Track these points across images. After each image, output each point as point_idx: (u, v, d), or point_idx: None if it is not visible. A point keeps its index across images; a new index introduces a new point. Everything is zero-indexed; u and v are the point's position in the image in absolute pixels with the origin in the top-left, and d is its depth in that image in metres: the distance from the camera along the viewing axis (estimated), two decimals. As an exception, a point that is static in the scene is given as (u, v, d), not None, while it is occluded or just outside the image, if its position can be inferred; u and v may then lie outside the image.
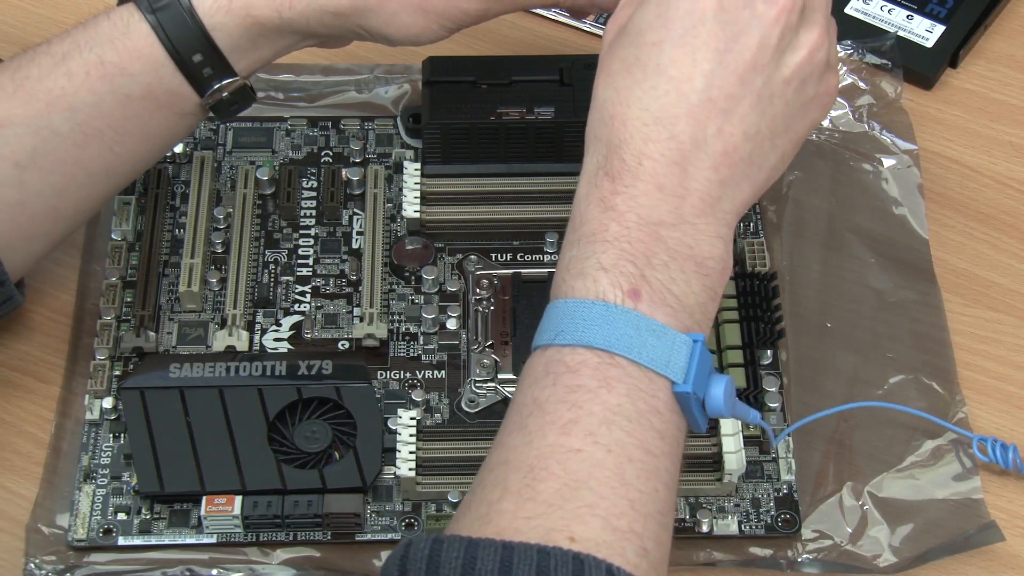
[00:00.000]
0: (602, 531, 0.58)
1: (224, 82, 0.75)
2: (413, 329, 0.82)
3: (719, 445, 0.75)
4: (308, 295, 0.83)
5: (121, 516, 0.75)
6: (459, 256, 0.85)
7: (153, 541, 0.74)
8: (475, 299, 0.83)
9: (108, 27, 0.74)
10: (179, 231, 0.85)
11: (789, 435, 0.77)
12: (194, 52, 0.73)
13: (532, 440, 0.61)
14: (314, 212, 0.87)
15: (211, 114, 0.77)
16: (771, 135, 0.67)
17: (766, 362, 0.80)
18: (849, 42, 0.93)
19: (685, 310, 0.63)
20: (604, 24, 0.84)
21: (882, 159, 0.89)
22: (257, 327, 0.82)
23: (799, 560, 0.74)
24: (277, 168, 0.88)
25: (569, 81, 0.86)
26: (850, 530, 0.75)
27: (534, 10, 0.96)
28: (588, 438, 0.60)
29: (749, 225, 0.86)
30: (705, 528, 0.75)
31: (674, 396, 0.62)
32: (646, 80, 0.65)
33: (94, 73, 0.73)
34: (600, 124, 0.66)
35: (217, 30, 0.74)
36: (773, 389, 0.79)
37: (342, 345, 0.82)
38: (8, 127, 0.72)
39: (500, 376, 0.80)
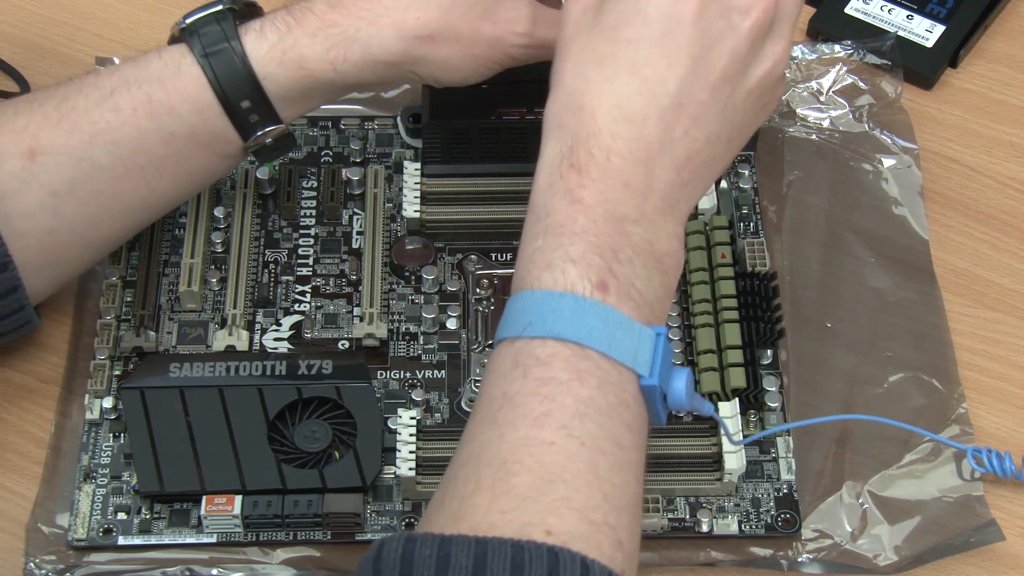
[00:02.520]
0: (578, 524, 0.58)
1: (268, 128, 0.76)
2: (413, 329, 0.82)
3: (719, 445, 0.75)
4: (308, 295, 0.83)
5: (121, 516, 0.75)
6: (459, 256, 0.85)
7: (153, 541, 0.74)
8: (475, 299, 0.83)
9: (159, 66, 0.74)
10: (179, 231, 0.85)
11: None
12: (243, 98, 0.74)
13: (504, 434, 0.61)
14: (314, 212, 0.87)
15: (251, 157, 0.78)
16: (728, 141, 0.68)
17: (766, 362, 0.80)
18: (849, 42, 0.93)
19: (647, 304, 0.64)
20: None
21: (882, 159, 0.89)
22: (257, 327, 0.82)
23: (799, 560, 0.74)
24: (277, 168, 0.88)
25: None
26: (850, 529, 0.75)
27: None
28: (561, 431, 0.60)
29: (749, 225, 0.86)
30: (705, 528, 0.75)
31: (640, 389, 0.63)
32: (619, 77, 0.65)
33: (141, 110, 0.74)
34: (567, 112, 0.66)
35: (268, 79, 0.74)
36: (773, 389, 0.79)
37: (342, 345, 0.82)
38: (50, 155, 0.73)
39: (500, 376, 0.80)
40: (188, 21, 0.75)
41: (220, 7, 0.76)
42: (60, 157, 0.73)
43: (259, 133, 0.76)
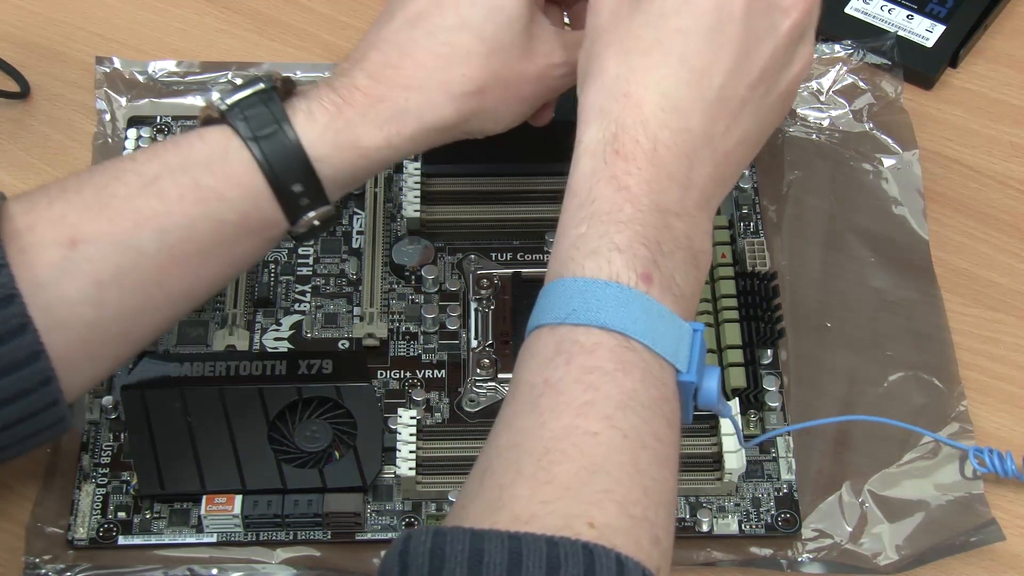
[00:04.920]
0: (619, 517, 0.57)
1: (318, 211, 0.71)
2: (413, 329, 0.82)
3: (719, 444, 0.75)
4: (308, 295, 0.83)
5: (121, 516, 0.75)
6: (459, 256, 0.85)
7: (153, 541, 0.74)
8: (475, 299, 0.83)
9: (204, 150, 0.70)
10: (179, 231, 0.85)
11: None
12: (294, 183, 0.70)
13: (546, 421, 0.59)
14: (314, 212, 0.87)
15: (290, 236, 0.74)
16: (755, 141, 0.68)
17: (766, 362, 0.80)
18: (849, 42, 0.93)
19: (684, 299, 0.63)
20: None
21: (882, 159, 0.89)
22: (257, 327, 0.82)
23: (799, 560, 0.74)
24: (277, 168, 0.88)
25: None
26: (850, 529, 0.75)
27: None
28: (605, 421, 0.59)
29: (749, 225, 0.86)
30: (705, 528, 0.75)
31: (677, 385, 0.62)
32: (667, 66, 0.65)
33: (188, 196, 0.69)
34: (611, 99, 0.65)
35: (321, 162, 0.70)
36: (773, 388, 0.79)
37: (342, 345, 0.82)
38: (92, 243, 0.67)
39: (500, 375, 0.80)
40: (229, 102, 0.70)
41: (262, 86, 0.71)
42: (104, 245, 0.68)
43: (307, 216, 0.71)
